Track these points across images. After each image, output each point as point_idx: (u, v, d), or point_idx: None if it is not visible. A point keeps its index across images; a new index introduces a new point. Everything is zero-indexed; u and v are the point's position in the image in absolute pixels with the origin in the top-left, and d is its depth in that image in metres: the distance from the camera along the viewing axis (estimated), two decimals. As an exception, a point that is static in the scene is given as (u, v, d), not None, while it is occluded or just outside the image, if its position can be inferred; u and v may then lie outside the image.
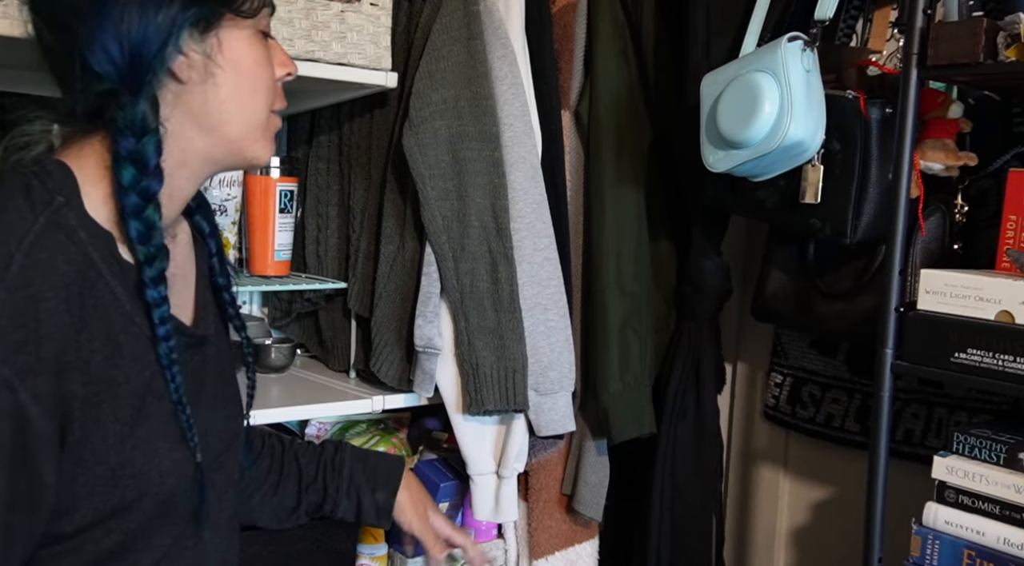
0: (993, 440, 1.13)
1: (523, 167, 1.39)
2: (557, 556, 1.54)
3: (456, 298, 1.36)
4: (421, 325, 1.37)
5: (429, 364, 1.38)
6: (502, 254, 1.35)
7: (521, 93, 1.40)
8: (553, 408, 1.41)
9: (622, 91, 1.48)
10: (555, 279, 1.42)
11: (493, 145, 1.35)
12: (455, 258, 1.35)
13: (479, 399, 1.35)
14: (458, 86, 1.35)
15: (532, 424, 1.42)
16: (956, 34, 1.10)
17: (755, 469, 1.77)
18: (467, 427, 1.41)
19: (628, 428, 1.46)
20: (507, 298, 1.35)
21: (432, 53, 1.36)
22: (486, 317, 1.35)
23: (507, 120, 1.38)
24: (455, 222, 1.35)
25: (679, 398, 1.55)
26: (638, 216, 1.49)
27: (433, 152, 1.34)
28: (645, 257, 1.50)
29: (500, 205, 1.36)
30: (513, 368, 1.35)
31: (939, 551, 1.15)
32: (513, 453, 1.41)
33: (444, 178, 1.35)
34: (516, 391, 1.35)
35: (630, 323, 1.46)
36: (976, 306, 1.11)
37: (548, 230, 1.42)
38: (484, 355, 1.35)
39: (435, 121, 1.34)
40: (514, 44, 1.41)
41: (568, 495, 1.55)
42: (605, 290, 1.46)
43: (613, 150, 1.47)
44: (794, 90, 1.19)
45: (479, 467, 1.42)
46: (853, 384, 1.56)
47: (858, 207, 1.25)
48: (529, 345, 1.38)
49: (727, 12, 1.44)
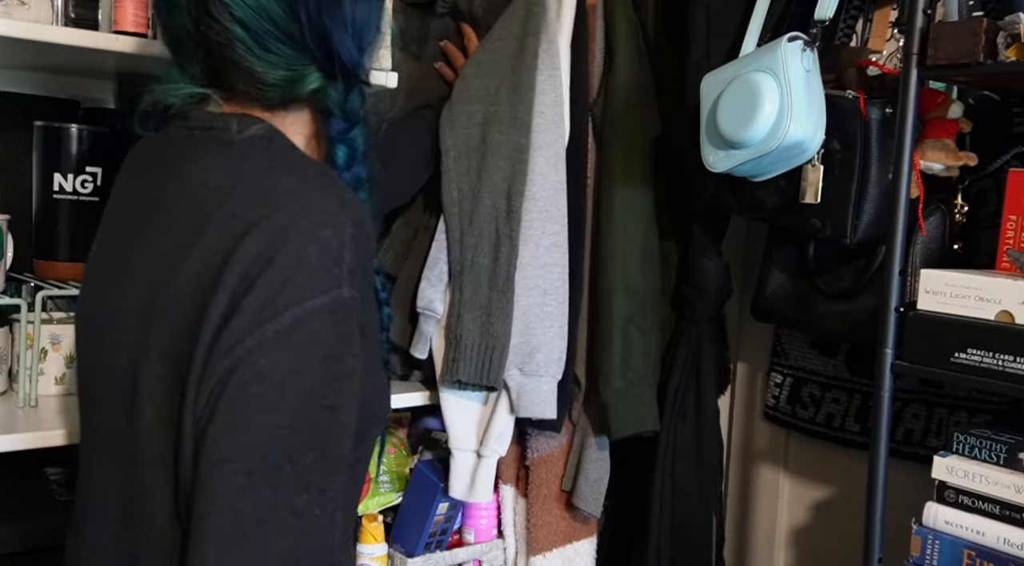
0: (993, 440, 1.13)
1: (547, 153, 1.42)
2: (555, 553, 1.54)
3: (456, 270, 1.40)
4: (424, 287, 1.41)
5: (427, 326, 1.42)
6: (507, 235, 1.38)
7: (558, 84, 1.44)
8: (536, 391, 1.42)
9: (634, 90, 1.50)
10: (560, 265, 1.43)
11: (522, 132, 1.40)
12: (462, 231, 1.39)
13: (454, 369, 1.38)
14: (503, 76, 1.41)
15: (512, 404, 1.42)
16: (956, 34, 1.10)
17: (755, 469, 1.77)
18: (452, 399, 1.44)
19: (627, 425, 1.47)
20: (503, 277, 1.38)
21: (486, 45, 1.44)
22: (479, 292, 1.38)
23: (539, 107, 1.42)
24: (469, 197, 1.39)
25: (679, 398, 1.55)
26: (646, 214, 1.50)
27: (464, 131, 1.39)
28: (652, 256, 1.51)
29: (516, 189, 1.39)
30: (493, 345, 1.37)
31: (939, 551, 1.15)
32: (495, 433, 1.42)
33: (469, 156, 1.40)
34: (492, 368, 1.38)
35: (634, 321, 1.47)
36: (976, 306, 1.11)
37: (561, 217, 1.44)
38: (470, 329, 1.38)
39: (472, 105, 1.40)
40: (560, 40, 1.46)
41: (568, 492, 1.56)
42: (610, 286, 1.47)
43: (623, 147, 1.49)
44: (794, 90, 1.19)
45: (459, 442, 1.44)
46: (853, 384, 1.56)
47: (858, 207, 1.25)
48: (521, 324, 1.40)
49: (727, 12, 1.44)
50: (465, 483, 1.44)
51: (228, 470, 0.70)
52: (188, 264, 0.76)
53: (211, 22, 0.80)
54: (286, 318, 0.71)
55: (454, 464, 1.44)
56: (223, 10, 0.80)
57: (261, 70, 0.82)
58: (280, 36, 0.81)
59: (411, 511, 1.48)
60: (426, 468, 1.49)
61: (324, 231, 0.75)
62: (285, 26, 0.81)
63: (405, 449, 1.66)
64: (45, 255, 1.35)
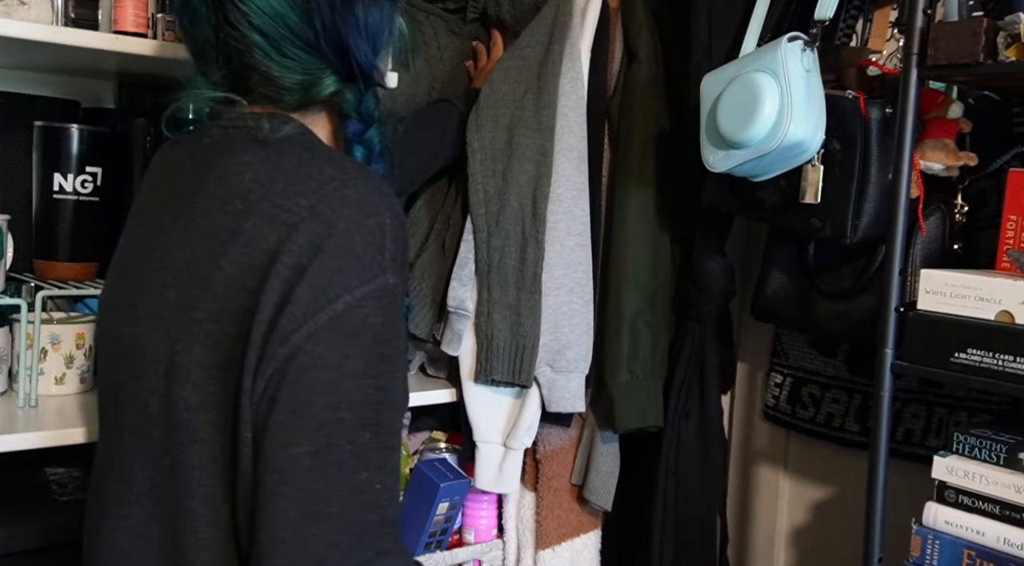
0: (993, 440, 1.13)
1: (570, 155, 1.45)
2: (564, 546, 1.56)
3: (484, 270, 1.42)
4: (456, 287, 1.43)
5: (459, 325, 1.44)
6: (533, 236, 1.41)
7: (580, 87, 1.48)
8: (566, 386, 1.45)
9: (653, 91, 1.52)
10: (584, 264, 1.47)
11: (547, 135, 1.43)
12: (489, 232, 1.42)
13: (488, 368, 1.42)
14: (529, 82, 1.44)
15: (544, 399, 1.46)
16: (956, 34, 1.10)
17: (755, 469, 1.77)
18: (478, 393, 1.47)
19: (632, 419, 1.48)
20: (530, 278, 1.41)
21: (514, 51, 1.48)
22: (508, 293, 1.41)
23: (562, 110, 1.45)
24: (496, 198, 1.42)
25: (683, 397, 1.55)
26: (658, 212, 1.52)
27: (490, 134, 1.43)
28: (663, 253, 1.53)
29: (541, 191, 1.42)
30: (524, 345, 1.41)
31: (939, 551, 1.15)
32: (524, 426, 1.45)
33: (495, 159, 1.43)
34: (524, 367, 1.41)
35: (642, 315, 1.49)
36: (976, 306, 1.11)
37: (584, 217, 1.47)
38: (500, 328, 1.41)
39: (499, 108, 1.44)
40: (582, 44, 1.50)
41: (577, 485, 1.56)
42: (619, 281, 1.49)
43: (638, 146, 1.51)
44: (794, 90, 1.19)
45: (485, 435, 1.47)
46: (853, 384, 1.56)
47: (858, 207, 1.24)
48: (551, 323, 1.43)
49: (727, 12, 1.45)
50: (492, 473, 1.48)
51: (295, 453, 0.75)
52: (233, 251, 0.80)
53: (231, 30, 0.84)
54: (338, 305, 0.76)
55: (480, 457, 1.48)
56: (241, 18, 0.83)
57: (279, 74, 0.85)
58: (296, 42, 0.85)
59: (411, 511, 1.48)
60: (426, 468, 1.49)
61: (368, 221, 0.79)
62: (301, 32, 0.84)
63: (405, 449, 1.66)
64: (45, 255, 1.35)
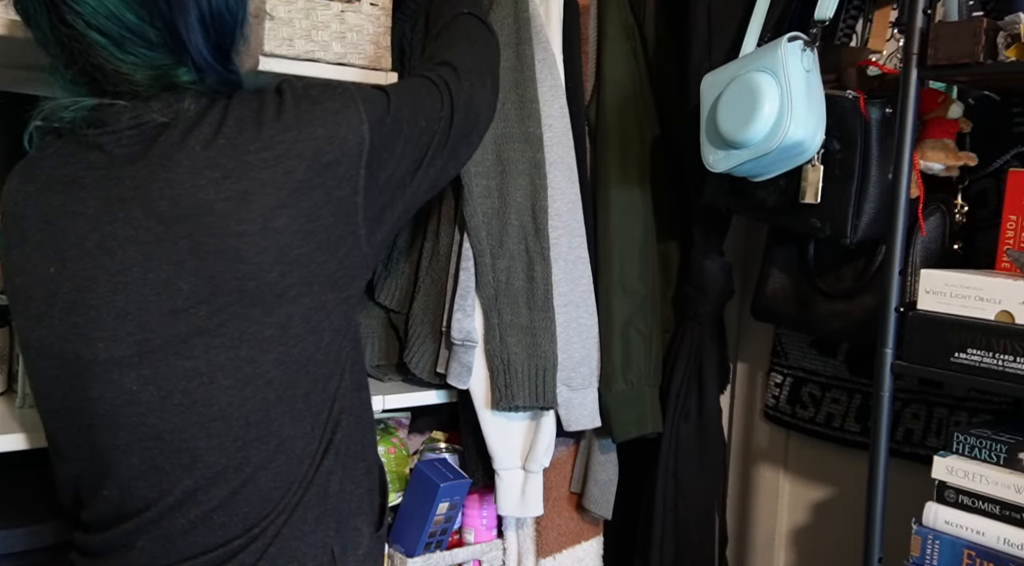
0: (993, 440, 1.13)
1: (561, 167, 1.42)
2: (565, 553, 1.55)
3: (491, 294, 1.38)
4: (460, 319, 1.38)
5: (467, 357, 1.39)
6: (539, 253, 1.38)
7: (560, 95, 1.44)
8: (583, 403, 1.44)
9: (628, 93, 1.49)
10: (586, 277, 1.45)
11: (536, 147, 1.38)
12: (492, 254, 1.38)
13: (509, 394, 1.37)
14: (505, 89, 1.38)
15: (561, 419, 1.43)
16: (956, 34, 1.10)
17: (755, 469, 1.77)
18: (494, 421, 1.42)
19: (629, 427, 1.47)
20: (541, 297, 1.37)
21: None
22: (519, 314, 1.37)
23: (547, 121, 1.41)
24: (495, 219, 1.38)
25: (682, 398, 1.55)
26: (643, 216, 1.50)
27: (479, 151, 1.37)
28: (651, 258, 1.51)
29: (540, 205, 1.38)
30: (544, 366, 1.37)
31: (939, 551, 1.15)
32: (542, 448, 1.43)
33: (487, 176, 1.38)
34: (546, 388, 1.37)
35: (633, 322, 1.47)
36: (976, 306, 1.11)
37: (581, 229, 1.45)
38: (516, 352, 1.37)
39: None
40: (553, 48, 1.45)
41: (576, 493, 1.56)
42: (608, 289, 1.47)
43: (619, 150, 1.48)
44: (794, 90, 1.19)
45: (505, 462, 1.43)
46: (853, 384, 1.56)
47: (858, 207, 1.24)
48: (562, 341, 1.40)
49: (727, 12, 1.44)
50: (516, 499, 1.44)
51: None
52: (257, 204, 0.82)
53: (67, 30, 0.82)
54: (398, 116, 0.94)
55: (501, 484, 1.44)
56: (77, 19, 0.81)
57: (128, 71, 0.84)
58: (138, 41, 0.83)
59: (411, 511, 1.47)
60: (426, 468, 1.49)
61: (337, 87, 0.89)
62: (140, 31, 0.83)
63: (405, 449, 1.66)
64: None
